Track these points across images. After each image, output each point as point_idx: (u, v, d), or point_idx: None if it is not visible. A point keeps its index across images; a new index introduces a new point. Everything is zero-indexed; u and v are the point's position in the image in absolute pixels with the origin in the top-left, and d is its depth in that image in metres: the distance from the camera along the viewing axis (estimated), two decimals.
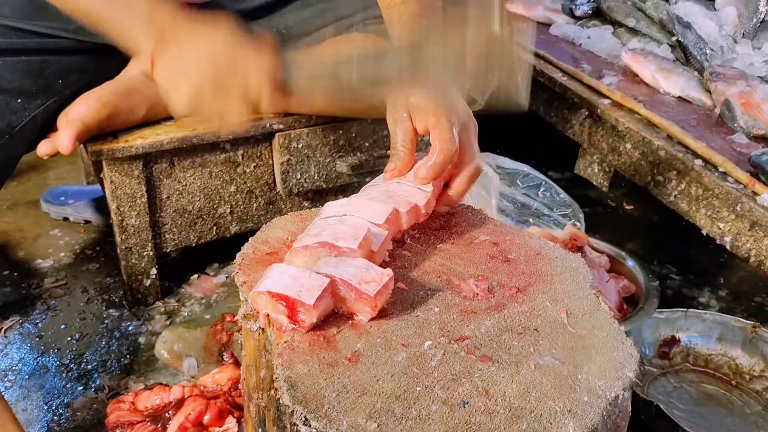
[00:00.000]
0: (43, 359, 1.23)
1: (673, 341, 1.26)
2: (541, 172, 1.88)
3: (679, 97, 1.46)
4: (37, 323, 1.31)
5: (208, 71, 0.88)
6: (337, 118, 1.35)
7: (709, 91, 1.45)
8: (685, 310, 1.27)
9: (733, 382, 1.21)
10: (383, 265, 0.83)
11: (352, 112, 1.31)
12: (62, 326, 1.31)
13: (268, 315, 0.78)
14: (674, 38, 1.56)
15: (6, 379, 1.19)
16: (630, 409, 0.73)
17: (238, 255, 0.90)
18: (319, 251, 0.80)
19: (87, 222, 1.60)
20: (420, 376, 0.70)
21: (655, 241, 1.62)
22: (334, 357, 0.72)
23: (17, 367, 1.21)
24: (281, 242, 0.90)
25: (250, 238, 0.92)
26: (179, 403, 1.08)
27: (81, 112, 1.14)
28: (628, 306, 1.31)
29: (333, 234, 0.81)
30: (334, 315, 0.77)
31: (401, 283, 0.82)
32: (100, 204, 1.60)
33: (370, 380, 0.70)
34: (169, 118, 1.26)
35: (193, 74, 0.88)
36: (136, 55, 0.96)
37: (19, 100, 1.13)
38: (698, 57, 1.53)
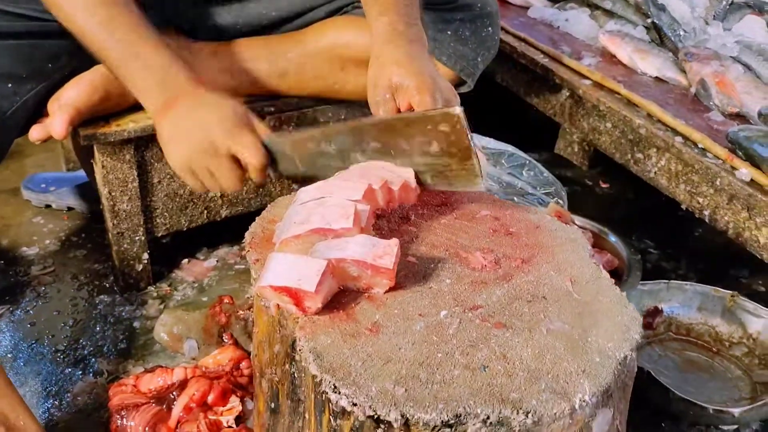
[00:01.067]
0: (38, 346, 1.23)
1: (656, 312, 1.31)
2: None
3: (656, 77, 1.51)
4: (29, 310, 1.30)
5: (199, 142, 0.94)
6: (327, 100, 1.36)
7: (684, 71, 1.50)
8: (667, 281, 1.32)
9: (714, 349, 1.27)
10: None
11: (344, 94, 1.32)
12: (54, 313, 1.30)
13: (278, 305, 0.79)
14: (649, 20, 1.61)
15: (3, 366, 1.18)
16: (636, 369, 0.77)
17: (246, 234, 0.91)
18: (312, 238, 0.81)
19: (70, 209, 1.59)
20: (439, 343, 0.73)
21: (633, 217, 1.67)
22: (355, 328, 0.75)
23: (12, 355, 1.20)
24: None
25: (257, 218, 0.94)
26: (182, 384, 1.09)
27: (72, 96, 1.13)
28: (612, 279, 1.36)
29: (322, 218, 0.82)
30: (349, 291, 0.79)
31: (411, 257, 0.85)
32: (83, 190, 1.58)
33: (393, 349, 0.72)
34: None
35: (186, 142, 0.95)
36: (142, 102, 1.02)
37: (10, 85, 1.11)
38: (672, 38, 1.58)
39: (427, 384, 0.68)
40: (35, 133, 1.12)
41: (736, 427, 1.12)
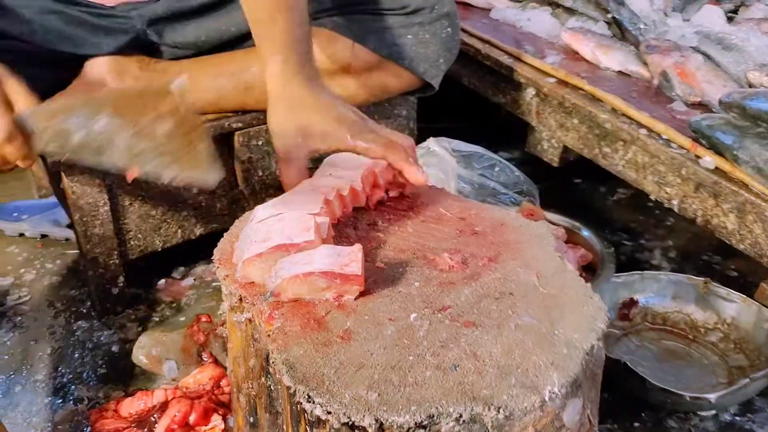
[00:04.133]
0: (16, 377, 1.22)
1: (632, 303, 1.32)
2: (493, 151, 1.94)
3: (619, 71, 1.53)
4: (5, 342, 1.29)
5: None
6: None
7: (646, 64, 1.52)
8: (640, 273, 1.34)
9: (690, 336, 1.28)
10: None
11: None
12: (32, 342, 1.29)
13: (247, 302, 0.79)
14: (609, 15, 1.63)
15: None
16: (604, 357, 0.78)
17: (215, 251, 0.91)
18: (275, 255, 0.81)
19: (44, 236, 1.58)
20: (410, 346, 0.74)
21: (605, 211, 1.69)
22: (327, 337, 0.75)
23: None
24: None
25: (225, 234, 0.94)
26: (163, 406, 1.09)
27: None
28: (587, 273, 1.37)
29: (282, 233, 0.81)
30: (320, 300, 0.80)
31: (380, 262, 0.86)
32: (56, 216, 1.58)
33: (365, 354, 0.73)
34: None
35: None
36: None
37: None
38: (633, 32, 1.60)
39: (399, 387, 0.69)
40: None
41: (714, 412, 1.14)
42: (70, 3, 1.17)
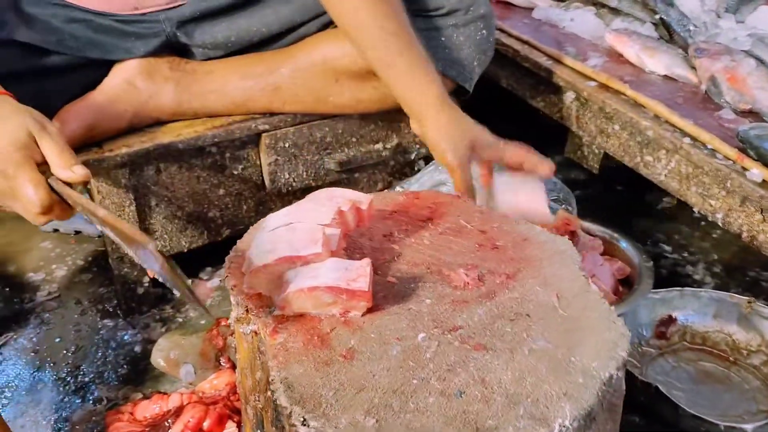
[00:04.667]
0: (39, 374, 1.23)
1: (670, 320, 1.26)
2: None
3: (665, 75, 1.45)
4: (32, 338, 1.31)
5: None
6: (323, 115, 1.34)
7: (694, 68, 1.44)
8: (680, 289, 1.27)
9: (730, 358, 1.21)
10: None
11: (340, 107, 1.30)
12: (57, 339, 1.30)
13: (253, 313, 0.77)
14: (657, 16, 1.56)
15: (2, 396, 1.18)
16: (624, 388, 0.73)
17: (227, 259, 0.89)
18: (281, 266, 0.78)
19: (77, 232, 1.59)
20: (416, 368, 0.70)
21: (648, 221, 1.62)
22: (329, 355, 0.72)
23: (13, 384, 1.21)
24: None
25: (238, 241, 0.92)
26: (178, 411, 1.08)
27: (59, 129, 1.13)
28: (624, 288, 1.31)
29: (290, 245, 0.78)
30: (326, 315, 0.77)
31: (391, 276, 0.82)
32: None
33: (366, 376, 0.69)
34: (155, 124, 1.26)
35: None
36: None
37: None
38: (682, 34, 1.52)
39: (399, 413, 0.65)
40: None
41: None
42: (98, 13, 1.17)
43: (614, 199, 1.71)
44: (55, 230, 1.61)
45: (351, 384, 0.68)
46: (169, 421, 1.06)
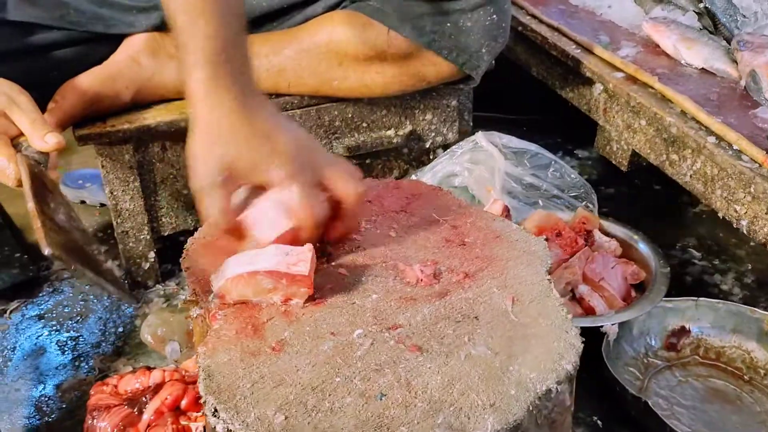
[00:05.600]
0: (41, 340, 1.26)
1: (683, 332, 1.17)
2: (567, 149, 1.80)
3: (702, 69, 1.35)
4: (41, 305, 1.34)
5: None
6: (331, 98, 1.31)
7: (735, 62, 1.34)
8: (695, 299, 1.18)
9: (745, 377, 1.12)
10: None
11: (344, 91, 1.27)
12: (64, 308, 1.34)
13: (198, 301, 0.76)
14: (701, 5, 1.45)
15: (5, 359, 1.22)
16: (570, 403, 0.68)
17: (189, 239, 0.88)
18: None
19: (102, 205, 1.63)
20: (342, 366, 0.67)
21: (680, 225, 1.52)
22: (259, 346, 0.70)
23: (16, 348, 1.24)
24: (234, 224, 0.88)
25: (204, 224, 0.91)
26: (158, 388, 1.08)
27: (60, 99, 1.15)
28: (637, 293, 1.23)
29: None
30: (267, 303, 0.75)
31: (343, 268, 0.79)
32: None
33: (290, 370, 0.67)
34: (160, 101, 1.26)
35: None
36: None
37: None
38: (727, 25, 1.41)
39: (311, 412, 0.62)
40: None
41: None
42: None
43: (647, 199, 1.62)
44: (82, 202, 1.65)
45: (271, 377, 0.66)
46: (147, 396, 1.06)
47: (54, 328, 1.29)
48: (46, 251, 0.72)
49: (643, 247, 1.29)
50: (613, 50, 1.41)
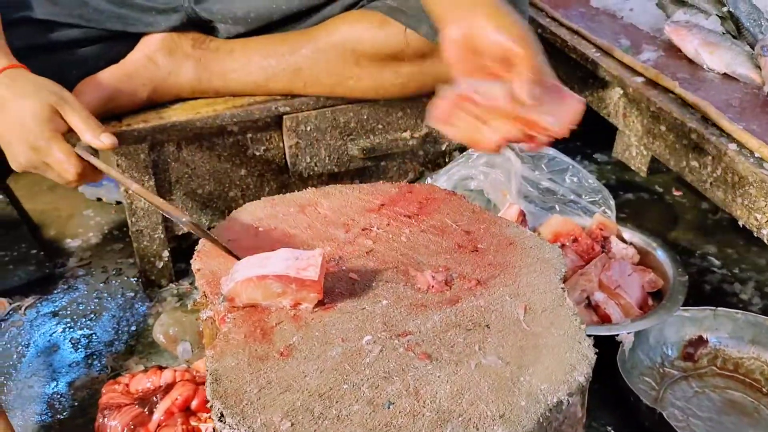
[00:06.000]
0: (55, 337, 1.27)
1: (700, 342, 1.15)
2: (586, 153, 1.78)
3: (725, 74, 1.33)
4: (55, 302, 1.35)
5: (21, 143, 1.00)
6: (347, 99, 1.31)
7: (759, 67, 1.31)
8: (714, 308, 1.16)
9: (763, 389, 1.10)
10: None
11: (360, 91, 1.27)
12: (79, 306, 1.34)
13: (208, 303, 0.76)
14: (725, 9, 1.42)
15: (19, 356, 1.23)
16: (581, 415, 0.66)
17: (200, 241, 0.88)
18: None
19: (118, 203, 1.63)
20: (350, 373, 0.66)
21: (701, 232, 1.49)
22: (267, 350, 0.69)
23: (30, 344, 1.25)
24: (245, 228, 0.88)
25: (217, 224, 0.91)
26: (168, 388, 1.08)
27: (78, 97, 1.15)
28: (654, 302, 1.21)
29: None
30: (276, 307, 0.74)
31: (354, 273, 0.78)
32: None
33: (297, 376, 0.66)
34: (176, 101, 1.26)
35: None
36: None
37: None
38: (751, 30, 1.39)
39: (318, 419, 0.62)
40: None
41: None
42: None
43: (666, 205, 1.59)
44: (99, 199, 1.66)
45: (279, 383, 0.65)
46: (157, 396, 1.06)
47: (68, 325, 1.30)
48: (184, 219, 0.87)
49: (661, 255, 1.27)
50: (634, 54, 1.39)
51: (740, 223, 1.18)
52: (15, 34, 1.08)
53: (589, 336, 0.70)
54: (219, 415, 0.63)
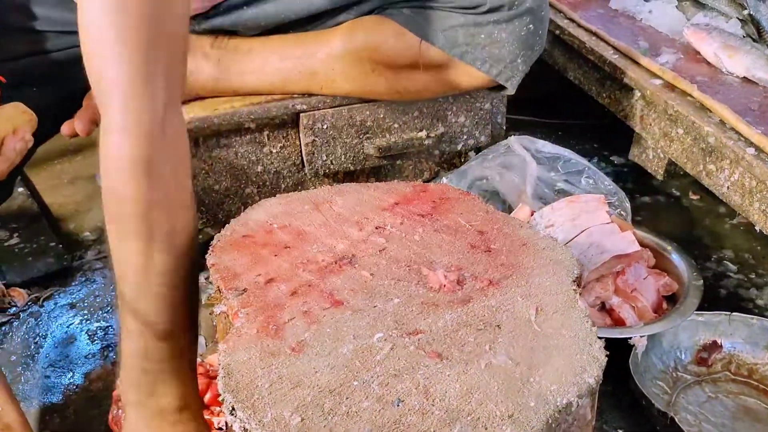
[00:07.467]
0: (72, 329, 1.28)
1: (714, 346, 1.15)
2: (602, 155, 1.77)
3: (744, 78, 1.32)
4: (73, 294, 1.37)
5: None
6: (363, 98, 1.31)
7: None
8: (729, 313, 1.15)
9: None
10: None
11: (376, 96, 1.27)
12: (96, 298, 1.36)
13: (221, 298, 0.76)
14: (745, 12, 1.42)
15: (36, 347, 1.25)
16: (590, 418, 0.66)
17: (216, 236, 0.89)
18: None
19: None
20: (361, 370, 0.67)
21: (717, 236, 1.48)
22: (279, 346, 0.70)
23: (47, 336, 1.27)
24: (259, 225, 0.89)
25: (232, 220, 0.91)
26: None
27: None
28: (669, 305, 1.21)
29: None
30: (291, 302, 0.75)
31: (366, 271, 0.79)
32: None
33: (308, 372, 0.67)
34: (193, 99, 1.27)
35: None
36: None
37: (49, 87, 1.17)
38: None
39: (327, 415, 0.62)
40: (64, 128, 1.17)
41: None
42: None
43: (682, 209, 1.58)
44: None
45: (290, 378, 0.66)
46: None
47: (85, 317, 1.31)
48: None
49: (676, 258, 1.26)
50: (652, 56, 1.39)
51: (757, 228, 1.17)
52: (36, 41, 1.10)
53: (600, 338, 0.70)
54: (230, 408, 0.64)
